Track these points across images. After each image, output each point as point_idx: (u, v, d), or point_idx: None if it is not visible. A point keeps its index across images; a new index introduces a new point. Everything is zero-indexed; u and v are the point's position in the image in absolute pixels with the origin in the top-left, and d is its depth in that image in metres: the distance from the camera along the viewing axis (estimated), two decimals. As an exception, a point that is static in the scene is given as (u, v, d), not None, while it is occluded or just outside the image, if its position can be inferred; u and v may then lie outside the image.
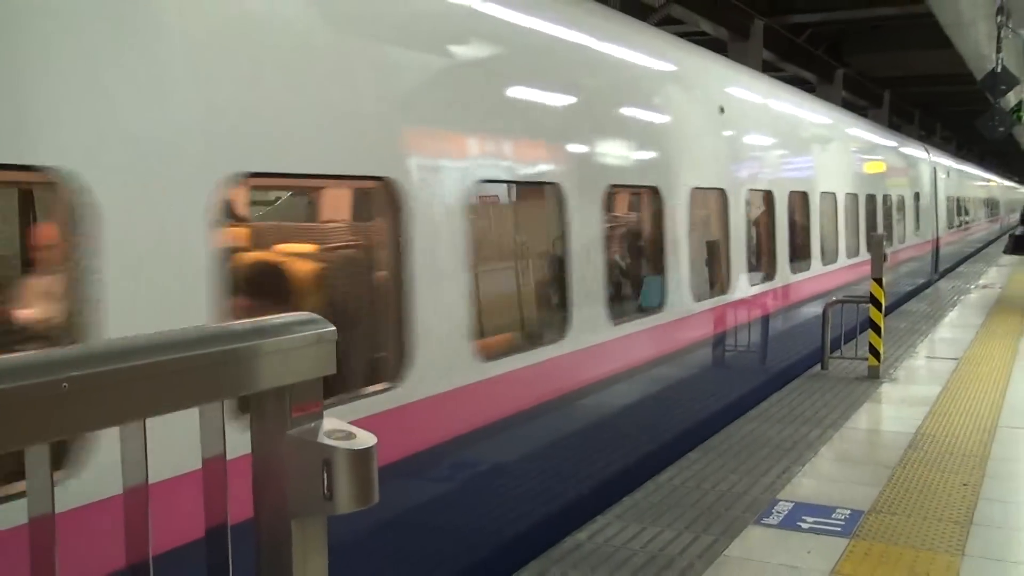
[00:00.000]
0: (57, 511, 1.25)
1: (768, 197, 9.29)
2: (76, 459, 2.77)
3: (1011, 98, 16.49)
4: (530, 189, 5.60)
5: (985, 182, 37.93)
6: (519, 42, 5.33)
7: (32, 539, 1.25)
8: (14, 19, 2.71)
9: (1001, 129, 16.05)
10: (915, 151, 20.14)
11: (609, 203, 6.09)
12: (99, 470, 2.74)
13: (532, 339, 5.61)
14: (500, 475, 4.98)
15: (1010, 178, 59.14)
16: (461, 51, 4.78)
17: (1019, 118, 16.57)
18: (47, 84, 2.80)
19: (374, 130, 4.09)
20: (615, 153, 6.35)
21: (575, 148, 5.72)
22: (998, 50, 13.70)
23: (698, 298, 7.40)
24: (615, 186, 6.19)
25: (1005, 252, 18.06)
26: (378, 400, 3.99)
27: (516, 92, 5.22)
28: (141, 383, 1.28)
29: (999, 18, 13.08)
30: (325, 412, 1.51)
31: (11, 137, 2.72)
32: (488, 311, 5.05)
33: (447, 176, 4.46)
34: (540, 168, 5.36)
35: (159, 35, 3.13)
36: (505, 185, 5.53)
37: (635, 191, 6.97)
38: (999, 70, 13.95)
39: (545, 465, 5.34)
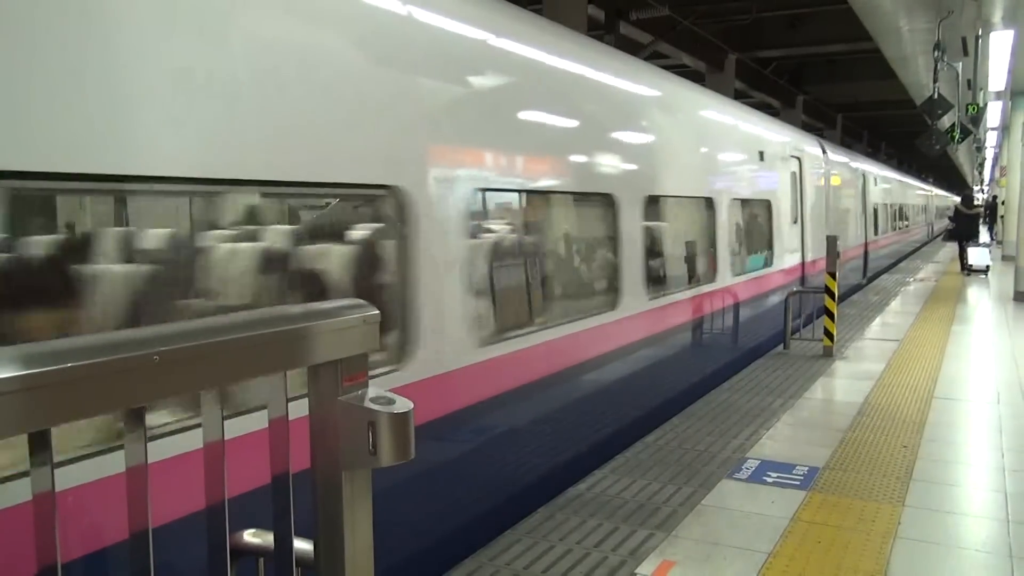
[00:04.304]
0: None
1: None
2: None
3: (946, 121, 16.29)
4: None
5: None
6: None
7: (128, 486, 1.26)
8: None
9: (938, 147, 15.87)
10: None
11: None
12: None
13: None
14: None
15: (935, 185, 46.94)
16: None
17: (953, 138, 16.34)
18: None
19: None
20: None
21: None
22: (935, 80, 13.57)
23: None
24: None
25: (943, 240, 18.02)
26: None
27: None
28: (216, 357, 1.29)
29: (936, 53, 12.97)
30: None
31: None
32: None
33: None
34: None
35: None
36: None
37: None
38: (936, 97, 13.82)
39: None
